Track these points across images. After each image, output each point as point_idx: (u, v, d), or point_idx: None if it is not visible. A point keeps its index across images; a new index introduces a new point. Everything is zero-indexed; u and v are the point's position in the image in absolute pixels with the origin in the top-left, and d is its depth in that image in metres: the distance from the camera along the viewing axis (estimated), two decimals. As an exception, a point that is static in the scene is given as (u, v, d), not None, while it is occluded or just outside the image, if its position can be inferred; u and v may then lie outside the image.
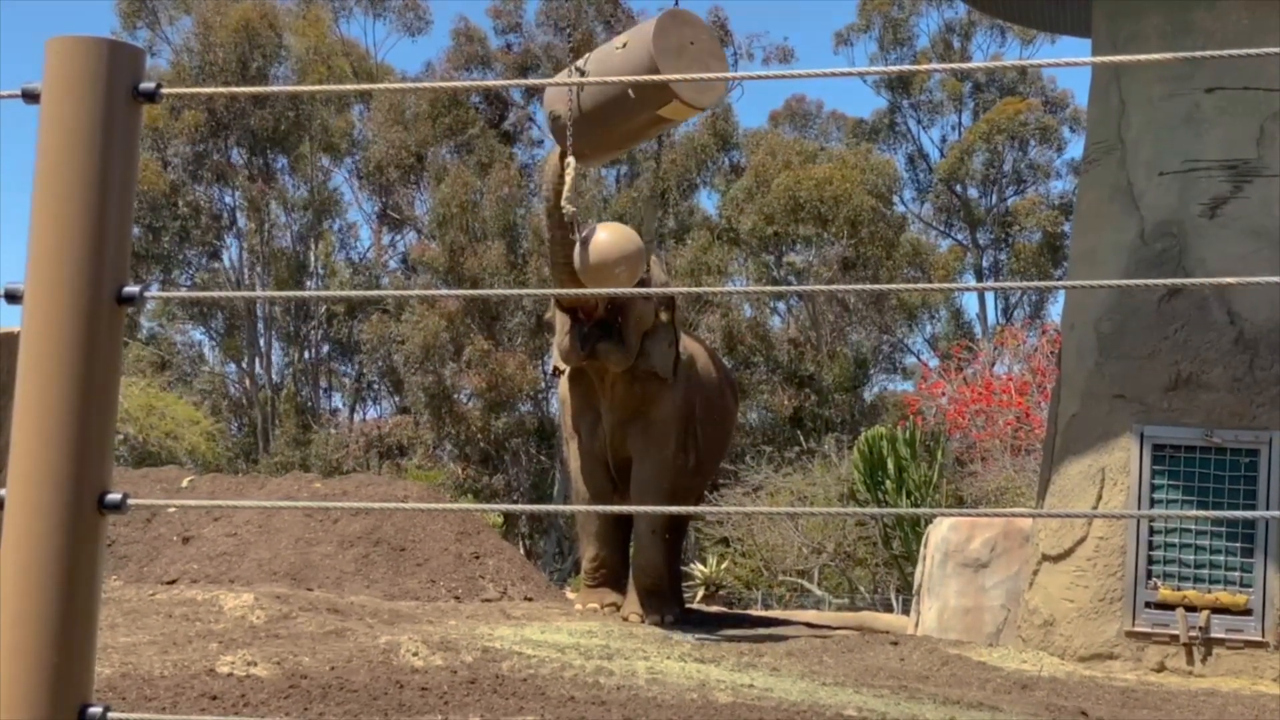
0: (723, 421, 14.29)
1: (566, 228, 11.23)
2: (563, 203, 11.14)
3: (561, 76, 11.41)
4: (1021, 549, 13.19)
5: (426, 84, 5.17)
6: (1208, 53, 3.12)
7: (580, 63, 11.31)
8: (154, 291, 2.37)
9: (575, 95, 10.78)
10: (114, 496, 2.12)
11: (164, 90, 2.23)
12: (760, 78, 2.44)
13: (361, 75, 43.74)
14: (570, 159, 11.05)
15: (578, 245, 11.22)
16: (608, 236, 11.45)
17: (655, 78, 5.03)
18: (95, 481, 2.11)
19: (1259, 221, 11.76)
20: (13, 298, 2.13)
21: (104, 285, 2.13)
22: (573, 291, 3.57)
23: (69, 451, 2.09)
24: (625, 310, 12.27)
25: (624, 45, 10.99)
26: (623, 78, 10.50)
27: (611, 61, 10.98)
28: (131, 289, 2.15)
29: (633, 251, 11.47)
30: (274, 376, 44.76)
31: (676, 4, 10.99)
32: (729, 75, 2.71)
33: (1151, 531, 11.75)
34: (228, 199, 44.96)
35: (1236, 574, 11.58)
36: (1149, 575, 11.72)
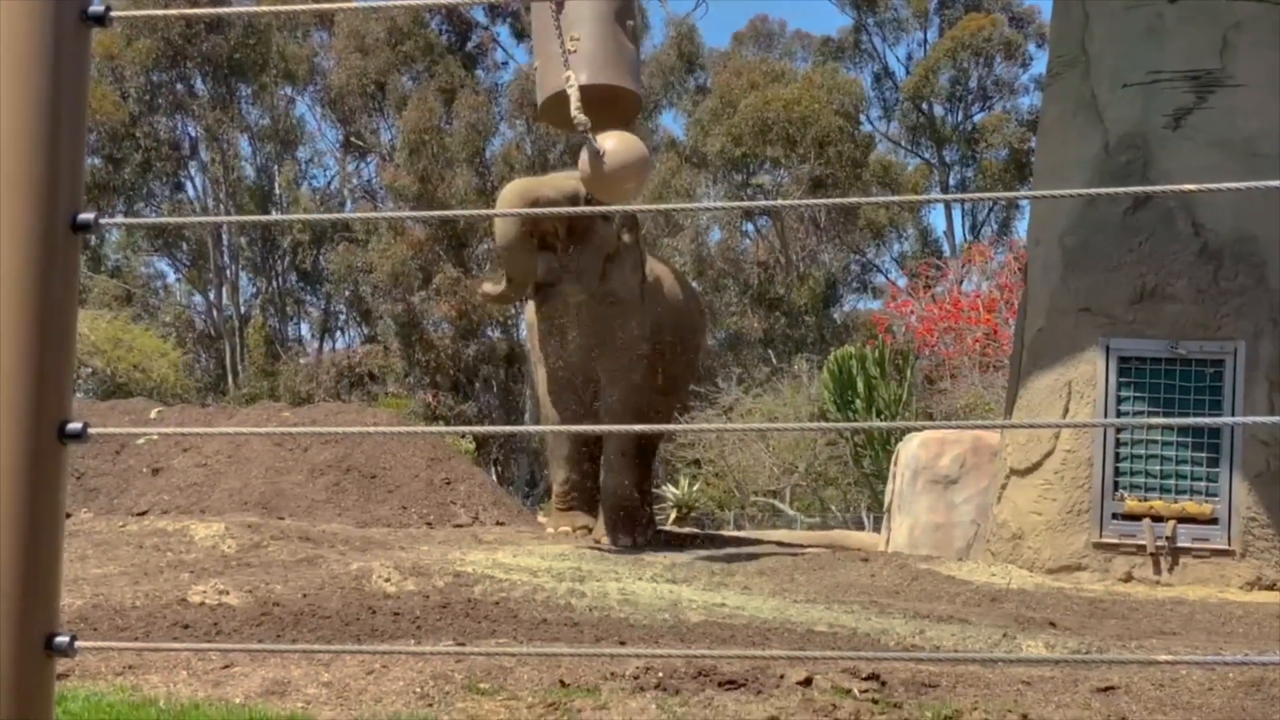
0: (691, 343, 14.28)
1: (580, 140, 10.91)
2: (573, 112, 10.70)
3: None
4: (990, 465, 13.28)
5: (386, 2, 5.10)
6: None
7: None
8: (112, 219, 2.34)
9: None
10: (75, 426, 2.11)
11: (113, 14, 2.19)
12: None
13: None
14: (571, 73, 10.74)
15: (586, 157, 10.74)
16: (617, 145, 10.68)
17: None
18: (55, 411, 2.10)
19: (1223, 132, 11.75)
20: (-37, 226, 2.10)
21: (58, 213, 2.10)
22: (531, 212, 3.54)
23: (27, 381, 2.07)
24: (586, 235, 12.17)
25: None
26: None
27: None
28: (86, 216, 2.12)
29: (642, 159, 10.86)
30: (241, 307, 44.55)
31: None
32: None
33: (1118, 443, 11.83)
34: (190, 130, 44.53)
35: (1202, 484, 11.68)
36: (1115, 487, 11.82)
